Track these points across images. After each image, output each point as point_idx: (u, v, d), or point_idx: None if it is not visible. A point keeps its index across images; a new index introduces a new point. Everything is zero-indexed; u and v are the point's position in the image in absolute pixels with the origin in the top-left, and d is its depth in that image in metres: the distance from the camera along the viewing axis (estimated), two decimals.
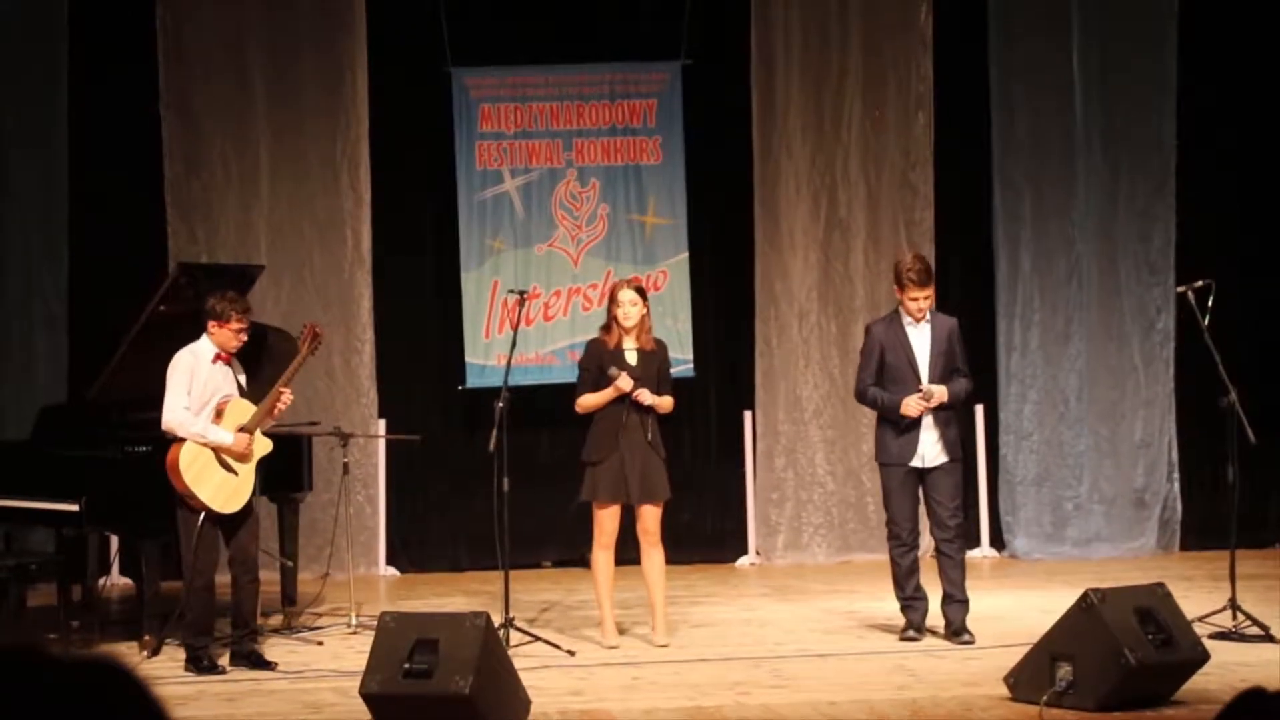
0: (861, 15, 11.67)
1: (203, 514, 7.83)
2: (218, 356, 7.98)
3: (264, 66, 11.38)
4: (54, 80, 11.18)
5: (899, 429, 8.43)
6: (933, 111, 11.67)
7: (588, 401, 8.39)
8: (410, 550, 11.64)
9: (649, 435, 8.34)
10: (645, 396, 8.28)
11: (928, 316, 8.50)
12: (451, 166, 11.54)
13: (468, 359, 11.49)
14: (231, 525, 8.00)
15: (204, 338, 8.01)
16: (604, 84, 11.67)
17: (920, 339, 8.47)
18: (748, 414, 11.78)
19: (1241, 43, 11.84)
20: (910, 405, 8.34)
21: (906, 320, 8.49)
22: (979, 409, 11.53)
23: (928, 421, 8.40)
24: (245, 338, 8.06)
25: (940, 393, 8.36)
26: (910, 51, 11.68)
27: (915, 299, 8.43)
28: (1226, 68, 11.84)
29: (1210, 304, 8.62)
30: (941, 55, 11.68)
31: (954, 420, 8.61)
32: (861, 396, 8.71)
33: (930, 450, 8.42)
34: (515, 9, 11.69)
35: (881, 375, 8.50)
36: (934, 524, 8.57)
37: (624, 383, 8.23)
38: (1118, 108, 11.71)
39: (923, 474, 8.46)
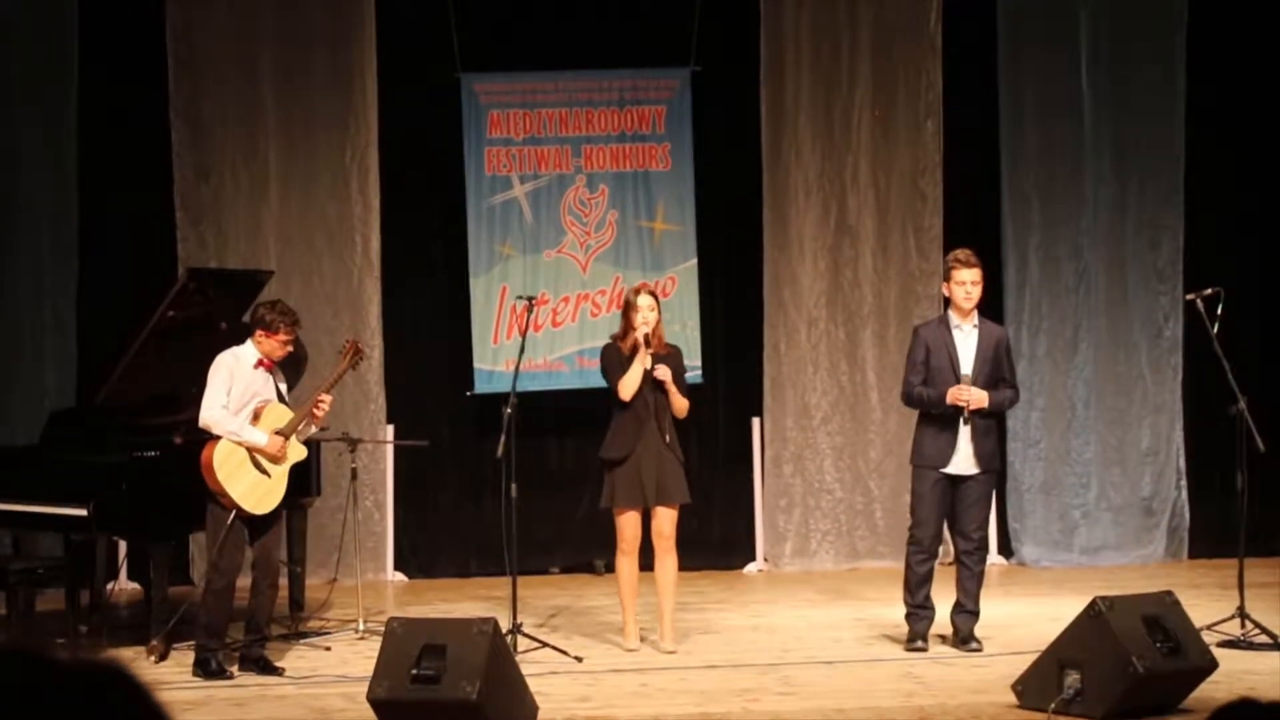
0: (871, 22, 11.68)
1: (233, 513, 7.86)
2: (260, 362, 8.03)
3: (274, 72, 11.40)
4: (64, 86, 11.20)
5: (938, 431, 8.37)
6: (942, 119, 11.67)
7: (628, 380, 8.33)
8: (418, 556, 11.64)
9: (666, 438, 8.36)
10: (662, 372, 8.29)
11: (975, 320, 8.44)
12: (460, 172, 11.55)
13: (476, 364, 11.50)
14: (258, 528, 8.04)
15: (248, 342, 8.06)
16: (613, 90, 11.68)
17: (966, 343, 8.42)
18: (756, 420, 11.78)
19: (1250, 52, 11.83)
20: (954, 393, 8.29)
21: (954, 323, 8.44)
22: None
23: (965, 429, 8.36)
24: (290, 349, 8.14)
25: (980, 396, 8.32)
26: (920, 58, 11.68)
27: (963, 283, 8.35)
28: (1235, 76, 11.84)
29: (1219, 312, 8.61)
30: (951, 62, 11.69)
31: (993, 430, 8.58)
32: (909, 398, 8.60)
33: (966, 459, 8.37)
34: (525, 15, 11.71)
35: (925, 379, 8.47)
36: (957, 533, 8.56)
37: (644, 359, 8.25)
38: (1126, 116, 11.70)
39: (955, 482, 8.42)
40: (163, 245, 11.20)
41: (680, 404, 8.43)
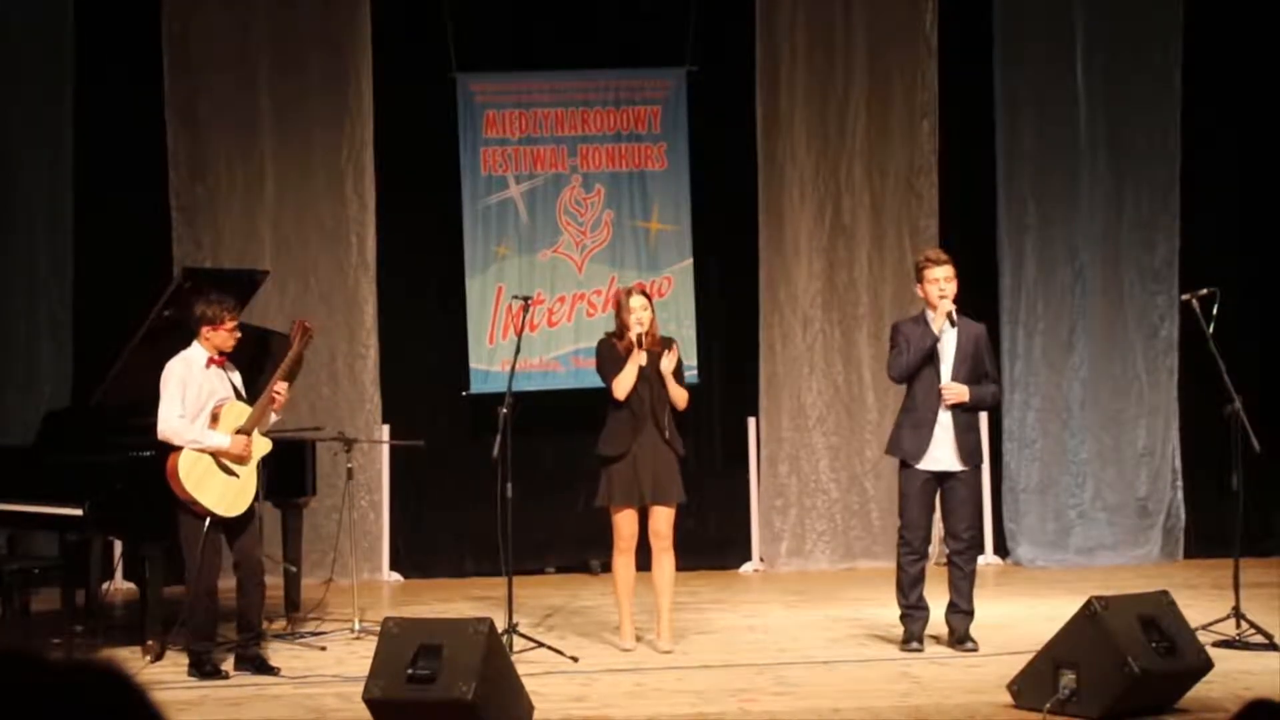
0: (866, 22, 11.68)
1: (207, 520, 7.81)
2: (210, 360, 7.95)
3: (269, 72, 11.40)
4: (60, 86, 11.20)
5: (916, 424, 8.32)
6: (937, 119, 11.67)
7: (623, 378, 8.29)
8: (414, 556, 11.64)
9: (665, 433, 8.33)
10: (665, 364, 8.24)
11: (953, 316, 8.41)
12: (456, 172, 11.55)
13: (472, 365, 11.50)
14: (234, 529, 7.98)
15: (195, 344, 7.97)
16: (609, 90, 11.68)
17: (946, 339, 8.39)
18: (751, 420, 11.79)
19: (1246, 52, 11.85)
20: (940, 315, 8.24)
21: (930, 320, 8.39)
22: (982, 416, 11.51)
23: (946, 423, 8.31)
24: (239, 334, 8.04)
25: (960, 390, 8.31)
26: (915, 59, 11.69)
27: (936, 280, 8.29)
28: (1230, 77, 11.85)
29: (1215, 312, 8.61)
30: (946, 63, 11.69)
31: (975, 426, 8.57)
32: (898, 368, 8.40)
33: (949, 454, 8.33)
34: (520, 15, 11.72)
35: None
36: (947, 533, 8.53)
37: (639, 358, 8.21)
38: (1122, 117, 11.71)
39: (941, 480, 8.40)
40: (158, 245, 11.19)
41: (679, 394, 8.39)
